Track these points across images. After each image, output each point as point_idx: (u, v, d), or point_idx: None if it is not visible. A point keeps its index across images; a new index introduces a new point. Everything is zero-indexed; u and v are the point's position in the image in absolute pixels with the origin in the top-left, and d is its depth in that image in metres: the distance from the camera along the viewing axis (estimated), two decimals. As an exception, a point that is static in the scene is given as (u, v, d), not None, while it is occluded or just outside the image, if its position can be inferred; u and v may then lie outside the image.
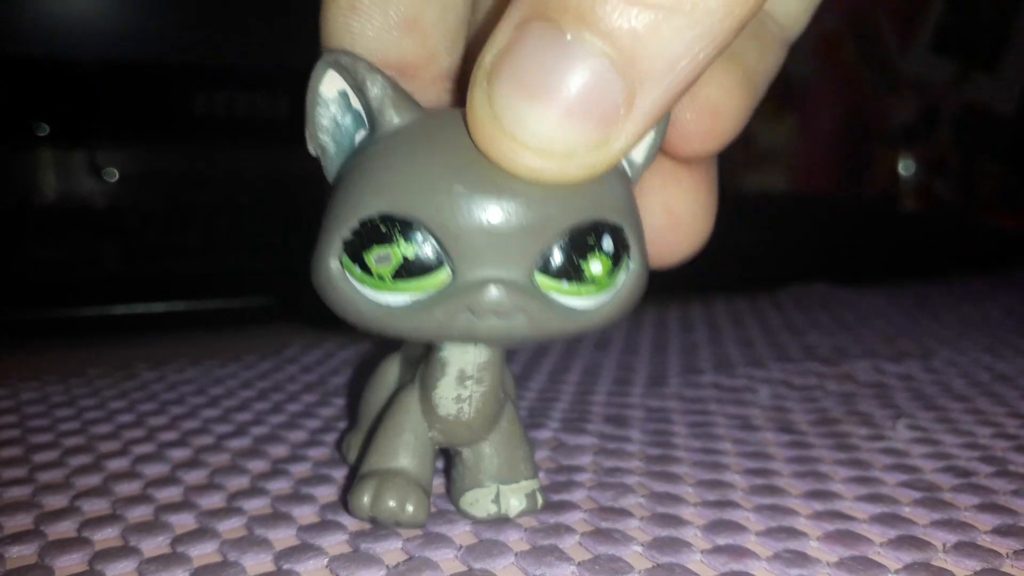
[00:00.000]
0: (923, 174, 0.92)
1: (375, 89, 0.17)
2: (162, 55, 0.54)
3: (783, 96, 0.93)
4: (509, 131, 0.15)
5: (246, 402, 0.31)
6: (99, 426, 0.28)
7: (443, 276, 0.17)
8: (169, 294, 0.44)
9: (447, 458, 0.23)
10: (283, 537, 0.20)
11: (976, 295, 0.54)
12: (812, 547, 0.20)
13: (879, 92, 0.94)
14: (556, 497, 0.22)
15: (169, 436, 0.27)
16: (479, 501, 0.21)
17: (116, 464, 0.25)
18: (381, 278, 0.17)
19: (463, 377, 0.19)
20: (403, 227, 0.17)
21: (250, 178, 0.54)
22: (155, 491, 0.23)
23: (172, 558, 0.19)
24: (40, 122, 0.53)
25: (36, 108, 0.53)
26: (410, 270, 0.17)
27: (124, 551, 0.20)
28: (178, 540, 0.20)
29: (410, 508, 0.19)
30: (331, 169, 0.19)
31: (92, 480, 0.24)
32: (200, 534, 0.21)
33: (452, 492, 0.21)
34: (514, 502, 0.21)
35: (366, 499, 0.20)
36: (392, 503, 0.19)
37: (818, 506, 0.22)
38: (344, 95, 0.18)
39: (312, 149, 0.18)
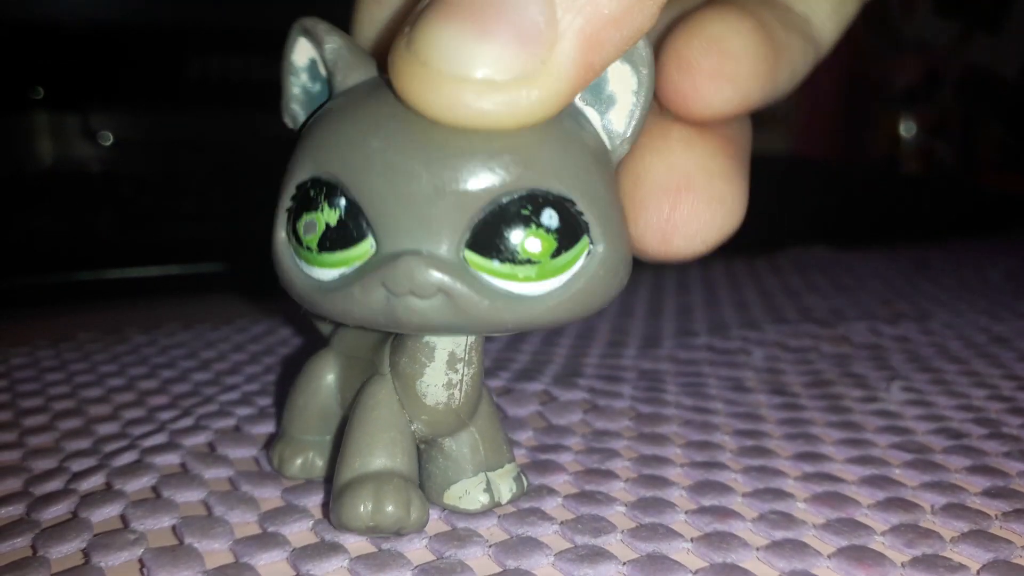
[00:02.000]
0: (924, 136, 0.91)
1: (329, 48, 0.17)
2: (157, 18, 0.54)
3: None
4: (422, 59, 0.14)
5: (237, 366, 0.31)
6: (89, 390, 0.28)
7: (366, 248, 0.15)
8: (162, 259, 0.44)
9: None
10: (269, 496, 0.21)
11: (976, 258, 0.54)
12: (799, 508, 0.20)
13: (881, 54, 0.93)
14: (543, 457, 0.22)
15: (160, 400, 0.27)
16: (469, 492, 0.19)
17: (106, 428, 0.25)
18: (309, 248, 0.16)
19: (454, 360, 0.18)
20: (328, 191, 0.15)
21: (245, 143, 0.53)
22: (144, 450, 0.23)
23: (158, 503, 0.20)
24: (35, 86, 0.53)
25: (31, 72, 0.53)
26: (333, 240, 0.15)
27: (109, 495, 0.20)
28: (164, 481, 0.20)
29: (414, 513, 0.17)
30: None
31: (82, 444, 0.24)
32: (187, 480, 0.21)
33: (429, 488, 0.19)
34: (504, 488, 0.19)
35: (363, 508, 0.17)
36: (393, 508, 0.17)
37: (807, 468, 0.22)
38: (313, 63, 0.17)
39: (287, 120, 0.18)
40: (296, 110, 0.18)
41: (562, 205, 0.15)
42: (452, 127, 0.14)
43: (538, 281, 0.15)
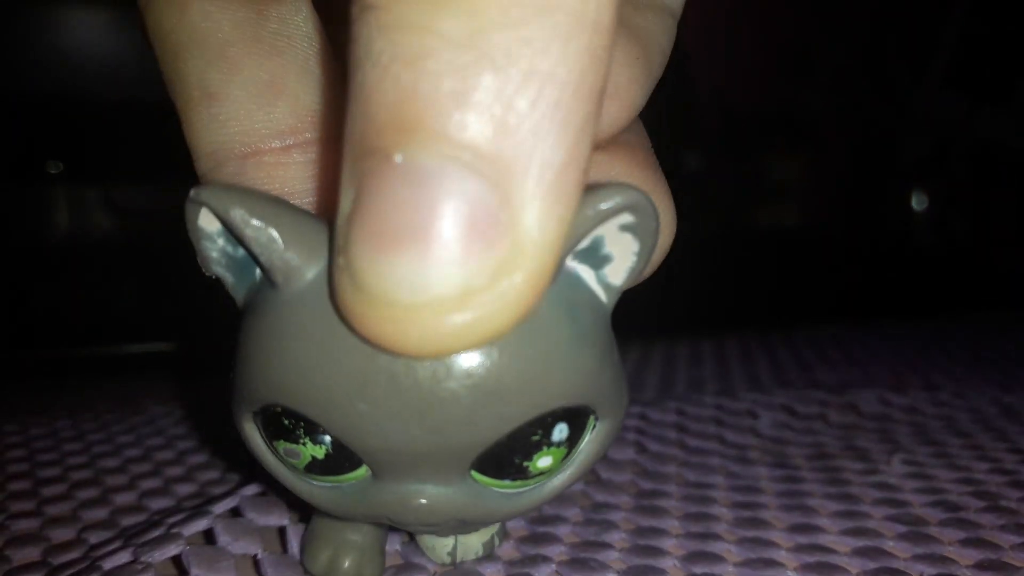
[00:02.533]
0: (936, 209, 0.92)
1: (261, 240, 0.13)
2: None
3: (795, 132, 0.93)
4: (379, 299, 0.11)
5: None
6: (107, 460, 0.29)
7: (362, 472, 0.15)
8: (182, 334, 0.44)
9: None
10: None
11: (990, 332, 0.54)
12: (789, 578, 0.20)
13: (891, 127, 0.94)
14: (540, 529, 0.23)
15: (176, 471, 0.28)
16: (435, 549, 0.20)
17: (123, 498, 0.26)
18: (293, 468, 0.15)
19: None
20: (308, 428, 0.14)
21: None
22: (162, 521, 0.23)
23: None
24: (54, 160, 0.54)
25: (49, 146, 0.54)
26: (322, 468, 0.14)
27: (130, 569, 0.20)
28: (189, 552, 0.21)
29: (369, 572, 0.19)
30: (237, 295, 0.15)
31: (99, 514, 0.24)
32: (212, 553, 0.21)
33: (408, 535, 0.20)
34: (470, 551, 0.20)
35: (323, 559, 0.18)
36: (348, 564, 0.18)
37: (801, 539, 0.22)
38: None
39: (209, 275, 0.15)
40: (220, 272, 0.15)
41: (572, 415, 0.14)
42: (449, 381, 0.13)
43: (547, 479, 0.15)
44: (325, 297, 0.13)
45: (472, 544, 0.20)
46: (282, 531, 0.22)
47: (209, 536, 0.22)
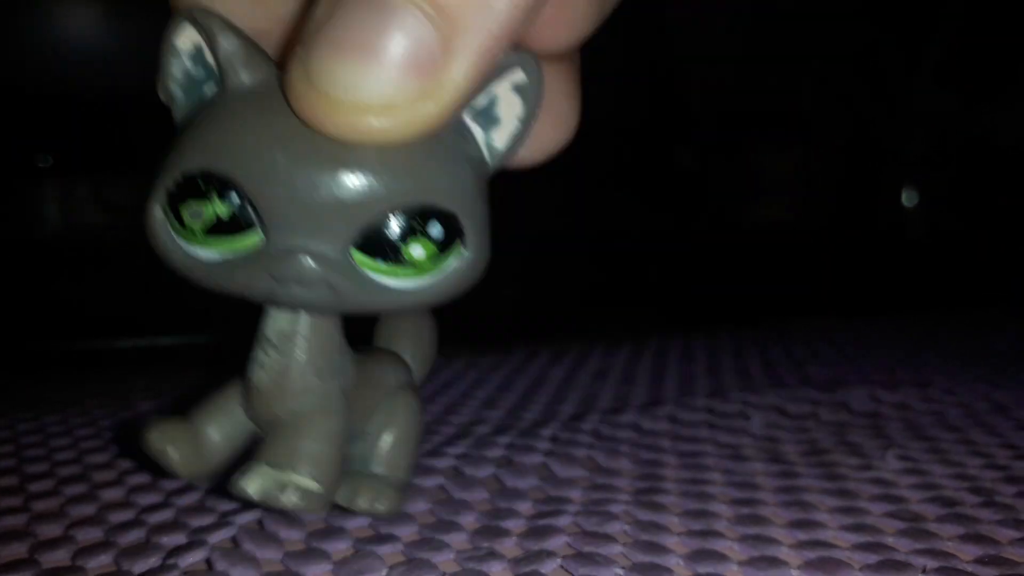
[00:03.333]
0: (928, 205, 0.92)
1: (225, 45, 0.17)
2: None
3: (787, 128, 0.93)
4: (321, 89, 0.15)
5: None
6: (95, 455, 0.29)
7: (255, 239, 0.16)
8: (174, 328, 0.44)
9: None
10: (270, 558, 0.21)
11: (980, 327, 0.54)
12: (792, 575, 0.20)
13: (883, 124, 0.94)
14: (542, 523, 0.23)
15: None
16: (243, 473, 0.18)
17: (111, 494, 0.25)
18: (193, 232, 0.17)
19: (263, 341, 0.19)
20: (221, 186, 0.16)
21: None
22: (148, 517, 0.23)
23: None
24: (44, 153, 0.54)
25: (40, 140, 0.54)
26: (221, 228, 0.16)
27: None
28: (169, 555, 0.21)
29: (174, 454, 0.19)
30: (179, 116, 0.18)
31: (87, 510, 0.24)
32: (190, 548, 0.21)
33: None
34: (259, 485, 0.18)
35: (151, 435, 0.19)
36: (156, 439, 0.19)
37: (801, 535, 0.22)
38: (199, 48, 0.17)
39: (162, 96, 0.18)
40: (175, 90, 0.18)
41: (447, 218, 0.17)
42: (355, 149, 0.16)
43: (415, 278, 0.17)
44: (268, 91, 0.16)
45: (264, 480, 0.18)
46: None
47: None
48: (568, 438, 0.30)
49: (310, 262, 0.16)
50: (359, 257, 0.16)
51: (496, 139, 0.18)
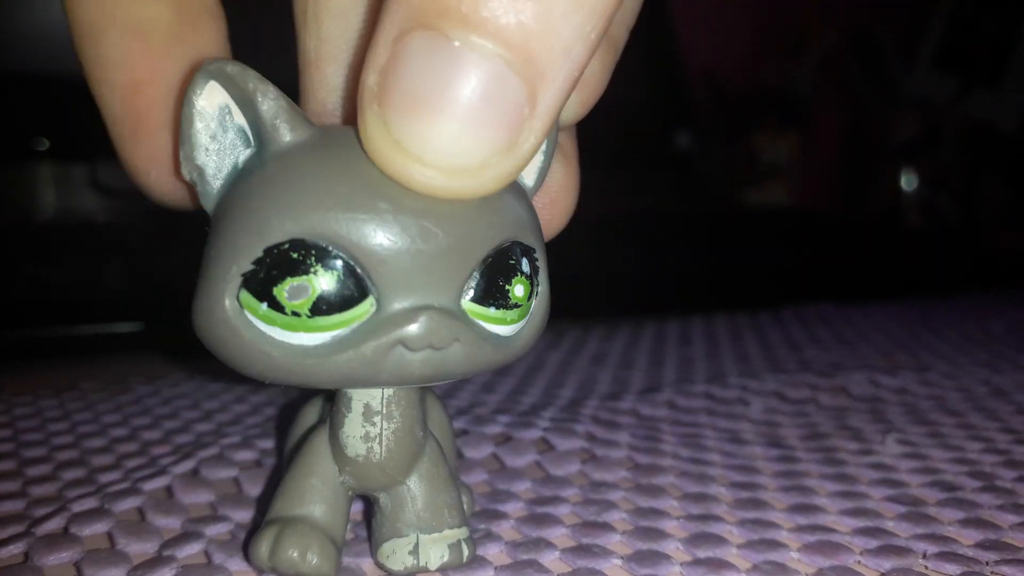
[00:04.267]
0: (926, 190, 0.92)
1: (267, 103, 0.15)
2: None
3: (785, 112, 0.93)
4: (415, 154, 0.14)
5: (240, 416, 0.31)
6: (93, 439, 0.28)
7: (367, 308, 0.15)
8: (168, 313, 0.44)
9: (367, 506, 0.21)
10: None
11: (979, 311, 0.54)
12: (792, 558, 0.20)
13: (881, 108, 0.94)
14: (540, 510, 0.23)
15: (162, 450, 0.28)
16: (396, 552, 0.19)
17: (109, 477, 0.25)
18: (296, 314, 0.15)
19: (370, 413, 0.18)
20: (319, 254, 0.15)
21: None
22: (147, 505, 0.23)
23: (159, 560, 0.20)
24: (39, 137, 0.54)
25: (35, 123, 0.54)
26: (330, 303, 0.15)
27: (113, 555, 0.20)
28: (165, 544, 0.21)
29: (313, 559, 0.17)
30: (210, 194, 0.16)
31: (86, 495, 0.24)
32: (186, 538, 0.21)
33: (371, 544, 0.19)
34: (434, 553, 0.19)
35: (264, 548, 0.18)
36: (293, 553, 0.17)
37: (801, 520, 0.22)
38: (225, 110, 0.16)
39: (186, 173, 0.16)
40: (204, 160, 0.16)
41: (530, 254, 0.17)
42: None
43: (517, 323, 0.17)
44: (326, 144, 0.15)
45: (436, 547, 0.19)
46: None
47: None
48: (567, 423, 0.30)
49: (438, 318, 0.15)
50: (471, 308, 0.16)
51: (526, 176, 0.18)
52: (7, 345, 0.40)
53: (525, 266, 0.16)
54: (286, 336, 0.15)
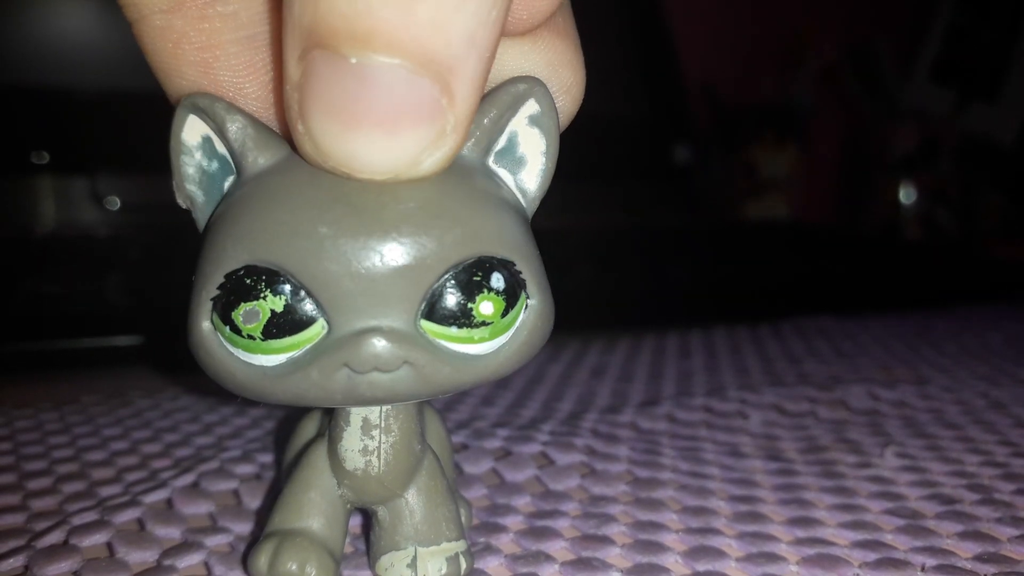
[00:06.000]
0: (924, 203, 0.92)
1: (234, 129, 0.16)
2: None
3: (784, 126, 0.94)
4: (346, 165, 0.15)
5: (239, 430, 0.31)
6: (93, 453, 0.28)
7: (317, 330, 0.15)
8: (169, 326, 0.44)
9: (366, 520, 0.21)
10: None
11: (978, 324, 0.54)
12: (791, 571, 0.20)
13: (879, 122, 0.94)
14: (540, 524, 0.23)
15: (162, 463, 0.28)
16: (394, 565, 0.19)
17: (109, 490, 0.25)
18: (251, 337, 0.15)
19: (368, 427, 0.18)
20: (269, 278, 0.15)
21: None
22: (148, 518, 0.23)
23: (158, 570, 0.20)
24: (40, 150, 0.54)
25: (35, 136, 0.54)
26: (280, 326, 0.15)
27: (113, 563, 0.20)
28: (166, 554, 0.21)
29: (311, 572, 0.18)
30: (202, 220, 0.17)
31: (86, 508, 0.24)
32: (186, 548, 0.21)
33: (370, 557, 0.20)
34: (432, 566, 0.19)
35: (263, 561, 0.18)
36: (292, 566, 0.18)
37: (800, 533, 0.22)
38: (208, 140, 0.17)
39: (181, 201, 0.17)
40: (193, 191, 0.17)
41: (506, 267, 0.16)
42: (397, 206, 0.15)
43: (490, 340, 0.16)
44: (289, 167, 0.16)
45: (434, 560, 0.19)
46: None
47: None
48: (566, 436, 0.30)
49: (383, 341, 0.15)
50: (430, 328, 0.16)
51: (526, 180, 0.17)
52: (8, 358, 0.40)
53: (496, 282, 0.16)
54: (247, 357, 0.16)
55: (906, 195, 0.92)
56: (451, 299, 0.16)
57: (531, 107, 0.17)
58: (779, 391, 0.36)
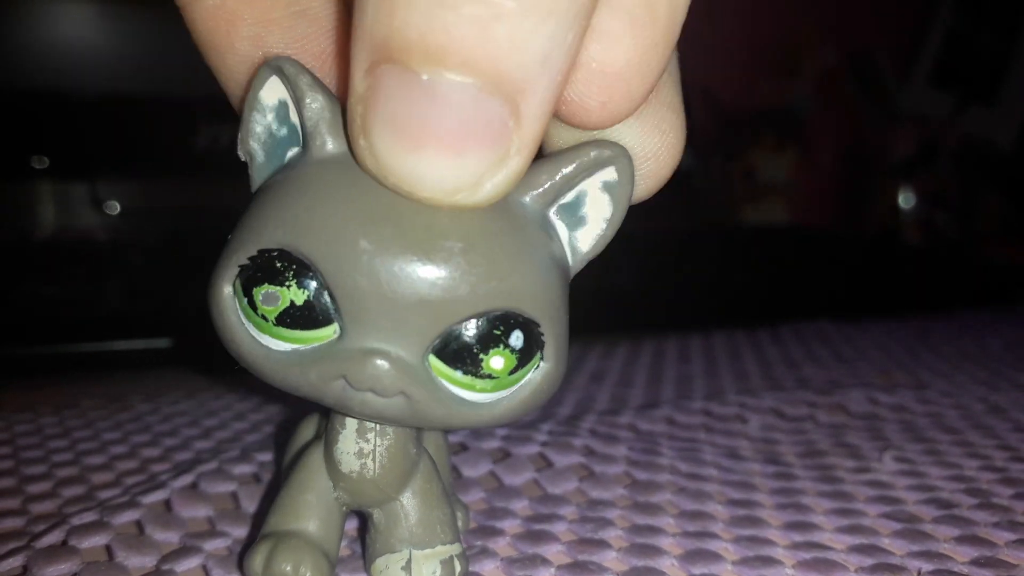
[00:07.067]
0: (924, 207, 0.92)
1: (313, 106, 0.16)
2: (165, 89, 0.55)
3: (783, 130, 0.94)
4: (407, 184, 0.14)
5: (239, 434, 0.31)
6: (92, 457, 0.29)
7: (329, 333, 0.15)
8: (169, 330, 0.44)
9: (362, 523, 0.21)
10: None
11: (977, 328, 0.54)
12: (787, 575, 0.20)
13: (879, 125, 0.94)
14: (537, 527, 0.23)
15: (162, 467, 0.28)
16: (389, 568, 0.19)
17: (109, 493, 0.25)
18: (265, 318, 0.16)
19: (364, 430, 0.18)
20: (299, 269, 0.15)
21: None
22: (146, 519, 0.23)
23: (156, 574, 0.20)
24: (39, 155, 0.54)
25: (35, 141, 0.54)
26: (295, 318, 0.15)
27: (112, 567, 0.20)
28: (164, 559, 0.21)
29: (306, 573, 0.18)
30: (257, 179, 0.17)
31: (86, 511, 0.24)
32: (185, 552, 0.21)
33: (365, 558, 0.20)
34: (427, 569, 0.19)
35: (258, 562, 0.18)
36: (286, 567, 0.18)
37: (797, 537, 0.22)
38: (284, 105, 0.16)
39: (241, 154, 0.17)
40: (256, 148, 0.17)
41: (529, 327, 0.16)
42: (444, 243, 0.15)
43: (491, 392, 0.16)
44: (352, 163, 0.15)
45: (429, 563, 0.19)
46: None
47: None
48: (565, 438, 0.30)
49: (387, 366, 0.15)
50: (436, 365, 0.16)
51: (580, 240, 0.17)
52: (7, 362, 0.40)
53: (515, 340, 0.16)
54: (256, 334, 0.16)
55: (905, 199, 0.92)
56: (465, 344, 0.15)
57: (609, 174, 0.16)
58: (778, 395, 0.36)
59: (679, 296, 0.59)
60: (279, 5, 0.17)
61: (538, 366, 0.16)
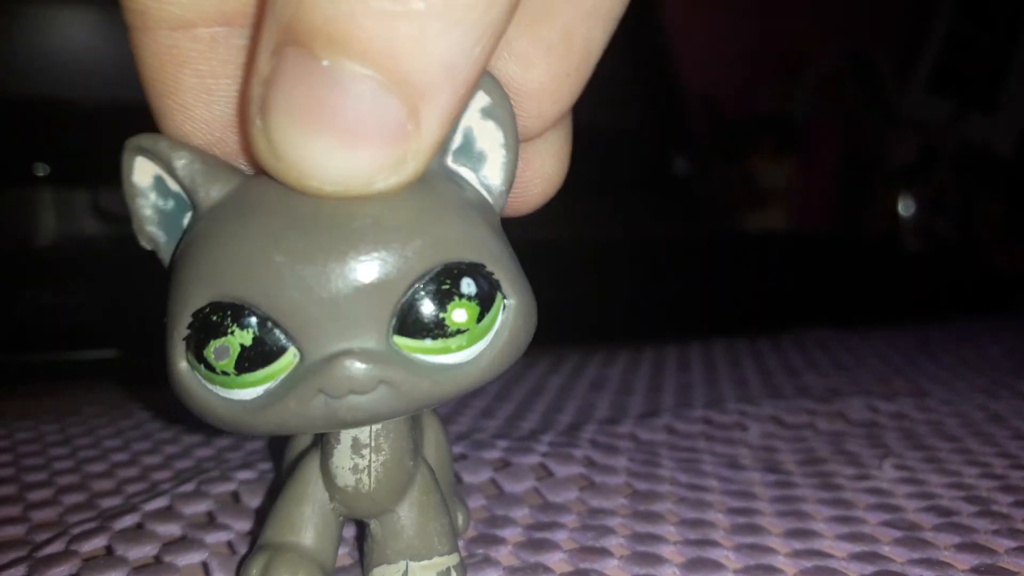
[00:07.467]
0: (923, 213, 0.92)
1: (181, 165, 0.16)
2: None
3: (783, 136, 0.94)
4: (296, 171, 0.14)
5: (239, 442, 0.31)
6: (94, 464, 0.29)
7: (290, 359, 0.15)
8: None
9: (360, 531, 0.21)
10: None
11: (976, 336, 0.54)
12: (788, 585, 0.20)
13: (878, 132, 0.94)
14: (538, 536, 0.23)
15: (163, 475, 0.28)
16: None
17: (110, 502, 0.25)
18: (226, 373, 0.15)
19: (358, 446, 0.18)
20: (234, 313, 0.15)
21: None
22: (151, 524, 0.23)
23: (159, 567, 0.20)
24: (41, 162, 0.54)
25: (36, 148, 0.54)
26: (252, 359, 0.15)
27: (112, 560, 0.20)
28: (166, 560, 0.21)
29: None
30: (167, 259, 0.17)
31: (87, 520, 0.24)
32: (187, 543, 0.21)
33: (362, 567, 0.20)
34: None
35: (254, 574, 0.18)
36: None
37: (797, 545, 0.22)
38: (160, 180, 0.16)
39: (144, 243, 0.17)
40: (154, 231, 0.17)
41: (476, 270, 0.16)
42: (352, 224, 0.15)
43: (469, 347, 0.16)
44: (241, 197, 0.15)
45: (426, 575, 0.19)
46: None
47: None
48: (565, 448, 0.30)
49: (356, 363, 0.15)
50: (404, 343, 0.15)
51: (489, 175, 0.17)
52: (9, 369, 0.40)
53: (468, 287, 0.15)
54: (225, 392, 0.16)
55: (905, 205, 0.92)
56: (422, 311, 0.15)
57: (481, 99, 0.16)
58: (778, 403, 0.36)
59: (679, 304, 0.59)
60: (237, 62, 0.16)
61: (504, 306, 0.16)
